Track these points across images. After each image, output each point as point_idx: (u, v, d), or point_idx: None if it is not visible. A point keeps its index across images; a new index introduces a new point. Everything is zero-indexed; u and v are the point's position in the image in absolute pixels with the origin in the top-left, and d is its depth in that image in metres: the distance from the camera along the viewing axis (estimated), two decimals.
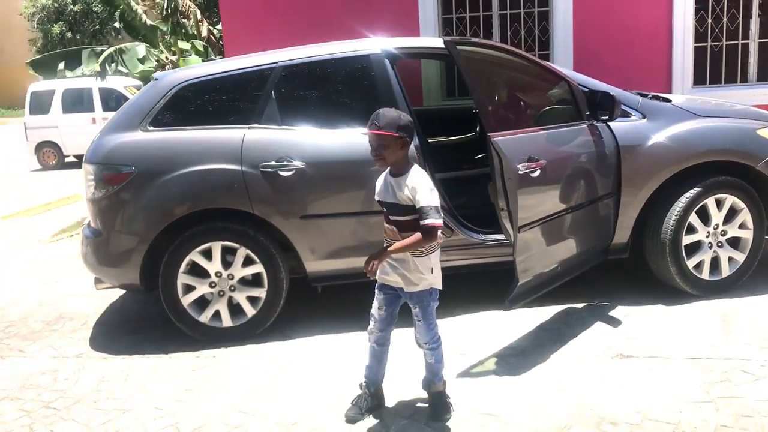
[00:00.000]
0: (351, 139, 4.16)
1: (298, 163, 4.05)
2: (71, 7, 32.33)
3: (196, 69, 4.53)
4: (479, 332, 4.10)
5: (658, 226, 4.30)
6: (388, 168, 3.02)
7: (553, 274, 4.02)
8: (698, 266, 4.36)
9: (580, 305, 4.39)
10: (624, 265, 4.69)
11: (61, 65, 8.01)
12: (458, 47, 3.66)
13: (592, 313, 4.27)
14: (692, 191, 4.25)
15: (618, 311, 4.27)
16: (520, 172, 3.58)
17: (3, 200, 10.87)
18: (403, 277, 3.00)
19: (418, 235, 2.86)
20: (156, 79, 4.44)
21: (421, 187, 2.88)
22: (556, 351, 3.78)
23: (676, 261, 4.29)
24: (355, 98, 4.42)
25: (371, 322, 3.19)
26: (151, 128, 4.20)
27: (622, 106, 4.20)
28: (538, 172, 3.68)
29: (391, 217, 3.00)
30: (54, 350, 4.39)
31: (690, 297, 4.36)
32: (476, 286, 4.77)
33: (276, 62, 4.28)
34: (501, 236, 4.11)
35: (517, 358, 3.73)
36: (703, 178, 4.26)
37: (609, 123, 4.21)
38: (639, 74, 6.40)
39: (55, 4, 33.07)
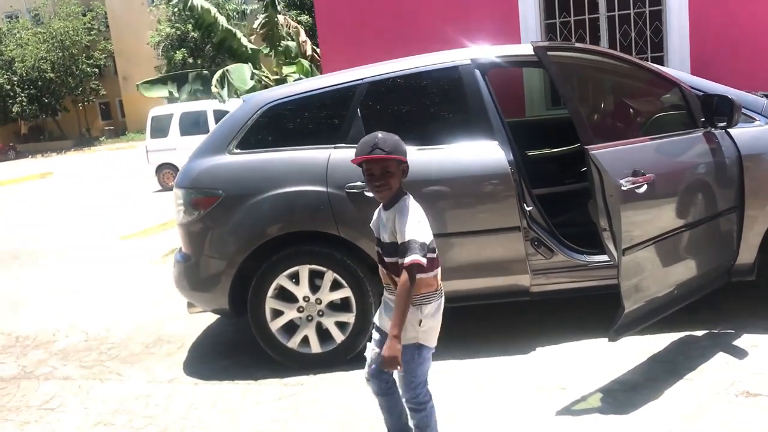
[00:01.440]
0: (441, 156, 3.95)
1: None
2: (192, 34, 33.97)
3: (282, 89, 4.46)
4: (583, 363, 3.75)
5: None
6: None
7: (669, 300, 3.61)
8: None
9: (699, 333, 3.94)
10: (751, 288, 4.17)
11: (169, 84, 8.28)
12: (549, 53, 3.36)
13: (714, 342, 3.81)
14: None
15: (744, 341, 3.79)
16: (623, 188, 3.23)
17: (125, 221, 11.40)
18: (386, 325, 2.62)
19: (404, 282, 2.46)
20: (244, 101, 4.40)
21: (404, 218, 2.51)
22: (671, 386, 3.37)
23: None
24: (445, 112, 4.21)
25: (366, 366, 2.80)
26: (238, 151, 4.15)
27: (744, 110, 3.74)
28: (645, 187, 3.31)
29: (387, 259, 2.63)
30: (149, 374, 4.41)
31: None
32: (581, 311, 4.40)
33: (361, 78, 4.13)
34: (607, 257, 3.74)
35: (625, 394, 3.35)
36: None
37: (728, 129, 3.76)
38: (766, 75, 5.78)
39: (178, 33, 34.90)
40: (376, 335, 2.80)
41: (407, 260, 2.47)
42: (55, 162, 31.46)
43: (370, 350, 2.79)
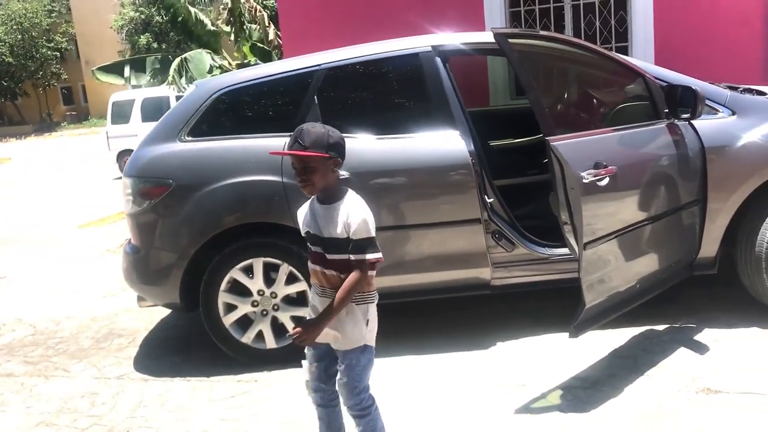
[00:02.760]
0: (400, 145, 3.83)
1: (342, 173, 3.71)
2: (157, 18, 33.35)
3: (236, 75, 4.30)
4: (544, 359, 3.67)
5: (751, 238, 3.74)
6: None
7: (630, 294, 3.54)
8: None
9: (660, 327, 3.89)
10: (712, 282, 4.14)
11: (127, 71, 8.03)
12: (511, 41, 3.25)
13: (675, 337, 3.76)
14: None
15: (705, 335, 3.74)
16: (584, 181, 3.14)
17: (83, 209, 11.10)
18: (332, 333, 2.48)
19: (354, 277, 2.36)
20: (196, 87, 4.23)
21: (358, 216, 2.37)
22: (632, 383, 3.31)
23: None
24: (405, 100, 4.10)
25: (305, 377, 2.66)
26: (190, 138, 3.99)
27: (708, 102, 3.68)
28: (606, 180, 3.23)
29: (327, 255, 2.45)
30: (97, 370, 4.24)
31: None
32: (542, 305, 4.32)
33: (319, 64, 3.98)
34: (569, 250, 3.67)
35: (586, 391, 3.28)
36: None
37: (692, 121, 3.69)
38: (729, 65, 5.75)
39: (142, 17, 34.23)
40: (309, 351, 2.62)
41: (368, 257, 2.37)
42: (14, 147, 30.66)
43: (307, 366, 2.64)
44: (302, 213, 2.59)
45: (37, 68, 40.72)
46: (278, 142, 3.83)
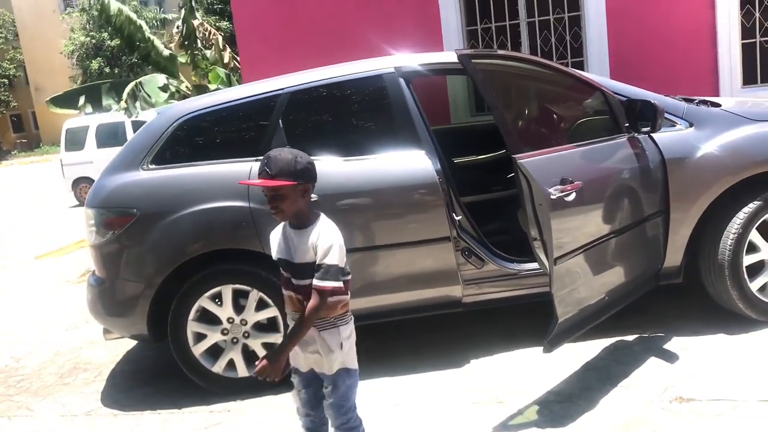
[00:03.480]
0: (367, 167, 3.83)
1: (312, 196, 3.70)
2: (108, 42, 32.92)
3: (198, 100, 4.25)
4: (519, 374, 3.68)
5: (714, 246, 3.83)
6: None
7: (600, 307, 3.58)
8: (763, 289, 3.88)
9: (630, 338, 3.94)
10: (678, 291, 4.21)
11: (81, 100, 7.89)
12: (473, 61, 3.29)
13: (645, 347, 3.82)
14: (751, 205, 3.78)
15: (674, 343, 3.80)
16: (552, 197, 3.18)
17: (40, 239, 10.84)
18: (308, 360, 2.51)
19: (312, 303, 2.36)
20: (158, 114, 4.18)
21: (326, 241, 2.37)
22: (607, 395, 3.34)
23: (737, 284, 3.81)
24: (371, 122, 4.10)
25: (296, 404, 2.67)
26: (153, 166, 3.93)
27: (666, 115, 3.76)
28: (573, 195, 3.27)
29: (293, 281, 2.45)
30: (63, 407, 4.12)
31: (756, 324, 3.86)
32: (514, 321, 4.34)
33: (282, 88, 3.97)
34: (538, 265, 3.70)
35: (562, 405, 3.30)
36: (763, 190, 3.79)
37: (651, 134, 3.77)
38: (682, 77, 5.91)
39: (93, 41, 33.76)
40: (295, 379, 2.61)
41: (327, 285, 2.36)
42: None
43: (297, 395, 2.63)
44: (275, 237, 2.56)
45: None
46: (244, 167, 3.82)
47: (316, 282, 2.36)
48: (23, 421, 3.99)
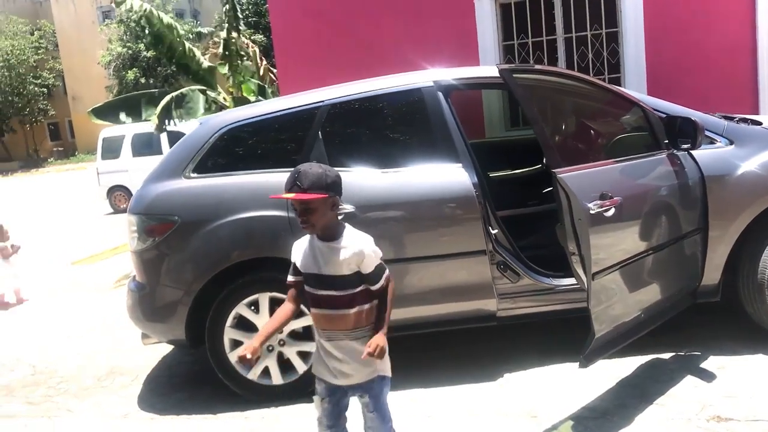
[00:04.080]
0: (404, 179, 3.87)
1: (347, 207, 3.75)
2: (145, 53, 33.50)
3: (240, 111, 4.33)
4: (553, 389, 3.67)
5: (753, 265, 3.79)
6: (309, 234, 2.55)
7: (636, 323, 3.56)
8: None
9: (666, 356, 3.91)
10: (716, 309, 4.17)
11: (122, 115, 8.06)
12: (515, 75, 3.32)
13: (682, 365, 3.78)
14: None
15: (711, 362, 3.76)
16: (591, 212, 3.18)
17: (76, 245, 11.04)
18: (340, 372, 2.52)
19: (392, 289, 2.53)
20: (200, 124, 4.26)
21: (366, 248, 2.45)
22: (642, 412, 3.32)
23: None
24: (408, 134, 4.14)
25: (318, 415, 2.66)
26: (195, 175, 4.01)
27: (706, 132, 3.75)
28: (612, 211, 3.27)
29: (318, 292, 2.48)
30: (101, 409, 4.20)
31: None
32: (549, 336, 4.34)
33: (322, 101, 4.03)
34: (574, 280, 3.69)
35: (596, 422, 3.28)
36: None
37: (691, 151, 3.76)
38: (721, 95, 5.86)
39: (130, 52, 34.38)
40: (320, 386, 2.63)
41: (383, 283, 2.49)
42: (0, 184, 30.51)
43: (320, 404, 2.63)
44: (299, 249, 2.58)
45: (24, 105, 40.67)
46: (282, 177, 3.83)
47: (376, 286, 2.47)
48: (63, 422, 4.07)
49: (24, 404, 4.41)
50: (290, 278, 2.59)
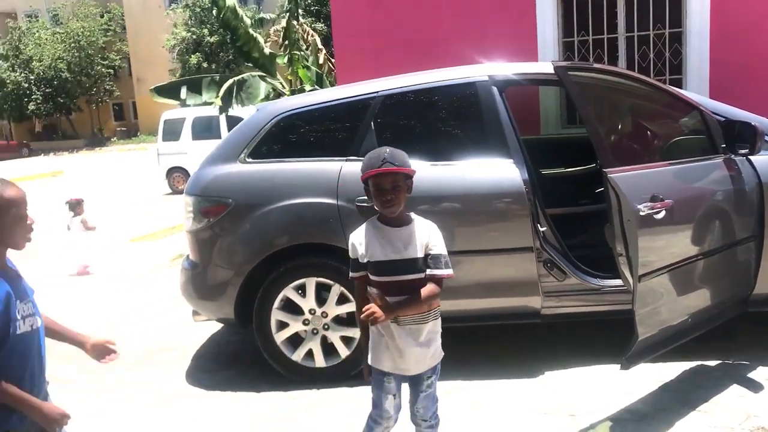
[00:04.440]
0: (455, 172, 3.90)
1: None
2: (208, 38, 34.12)
3: (296, 99, 4.43)
4: (593, 389, 3.66)
5: None
6: (366, 222, 2.59)
7: (682, 328, 3.52)
8: None
9: (713, 363, 3.85)
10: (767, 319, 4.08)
11: (183, 92, 8.26)
12: (570, 73, 3.31)
13: (728, 373, 3.72)
14: None
15: (759, 373, 3.69)
16: (641, 214, 3.16)
17: (134, 223, 11.38)
18: (421, 358, 2.56)
19: (434, 289, 2.49)
20: (258, 110, 4.36)
21: (436, 234, 2.54)
22: (683, 417, 3.28)
23: None
24: (461, 128, 4.16)
25: (379, 420, 2.66)
26: (250, 160, 4.11)
27: (766, 138, 3.67)
28: (663, 213, 3.24)
29: (396, 278, 2.50)
30: (151, 382, 4.36)
31: None
32: (592, 336, 4.31)
33: (377, 92, 4.08)
34: (621, 281, 3.67)
35: (635, 424, 3.27)
36: None
37: (750, 157, 3.68)
38: None
39: (194, 37, 35.05)
40: (389, 381, 2.62)
41: (444, 272, 2.51)
42: (66, 161, 31.56)
43: (387, 401, 2.63)
44: (362, 241, 2.58)
45: (91, 85, 41.89)
46: (335, 166, 3.95)
47: (434, 272, 2.49)
48: (115, 391, 4.25)
49: (79, 372, 4.60)
50: (356, 274, 2.61)
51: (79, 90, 41.51)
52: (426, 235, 2.53)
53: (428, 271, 2.50)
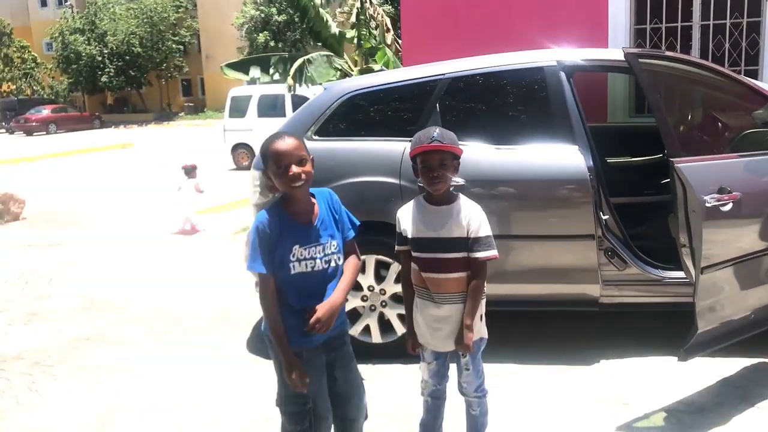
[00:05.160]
0: (518, 156, 3.91)
1: (458, 180, 3.83)
2: (276, 17, 34.48)
3: (363, 79, 4.49)
4: (649, 380, 3.65)
5: None
6: (415, 198, 2.70)
7: (745, 324, 3.47)
8: None
9: None
10: None
11: (252, 71, 8.43)
12: (641, 60, 3.27)
13: None
14: None
15: None
16: (707, 205, 3.12)
17: (199, 196, 11.65)
18: (446, 338, 2.65)
19: (483, 275, 2.59)
20: (325, 89, 4.44)
21: (479, 215, 2.59)
22: (741, 413, 3.25)
23: None
24: (526, 113, 4.15)
25: (423, 377, 2.82)
26: (317, 137, 4.20)
27: None
28: (730, 206, 3.19)
29: (435, 255, 2.59)
30: (212, 348, 4.52)
31: None
32: (650, 327, 4.28)
33: (443, 74, 4.11)
34: (682, 273, 3.63)
35: (691, 416, 3.25)
36: None
37: None
38: None
39: (262, 15, 35.47)
40: (425, 353, 2.75)
41: (489, 254, 2.56)
42: (136, 133, 32.47)
43: (426, 367, 2.77)
44: (407, 216, 2.69)
45: (161, 60, 42.94)
46: (398, 146, 4.00)
47: (479, 254, 2.55)
48: (179, 354, 4.43)
49: (145, 335, 4.82)
50: (400, 247, 2.71)
51: (150, 65, 42.59)
52: (467, 217, 2.59)
53: (471, 254, 2.57)
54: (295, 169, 2.36)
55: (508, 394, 3.54)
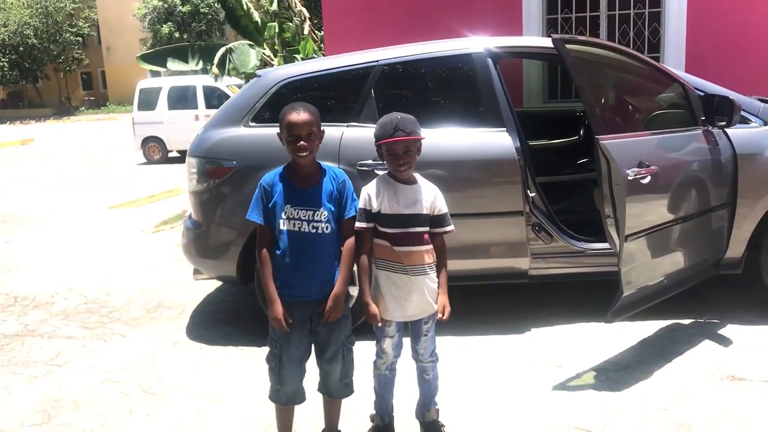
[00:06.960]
0: (450, 139, 4.10)
1: None
2: (180, 8, 33.69)
3: (297, 66, 4.58)
4: (578, 344, 3.93)
5: None
6: (378, 177, 2.86)
7: (659, 288, 3.81)
8: None
9: (686, 321, 4.15)
10: (737, 281, 4.39)
11: (169, 62, 8.31)
12: (567, 46, 3.52)
13: (700, 330, 4.02)
14: None
15: (729, 330, 4.00)
16: (629, 178, 3.40)
17: (111, 191, 11.37)
18: (421, 306, 2.83)
19: (442, 248, 2.87)
20: (259, 76, 4.50)
21: (441, 196, 2.85)
22: (661, 368, 3.57)
23: None
24: (457, 98, 4.36)
25: (381, 355, 2.92)
26: (253, 124, 4.26)
27: (742, 112, 3.93)
28: (648, 179, 3.49)
29: (407, 230, 2.76)
30: (152, 337, 4.51)
31: None
32: (575, 296, 4.59)
33: (377, 60, 4.25)
34: (604, 245, 3.94)
35: (617, 373, 3.55)
36: None
37: (726, 129, 3.95)
38: (759, 79, 6.00)
39: (165, 5, 34.59)
40: (389, 328, 2.85)
41: (449, 228, 2.84)
42: (35, 129, 31.00)
43: (388, 341, 2.88)
44: (374, 195, 2.79)
45: (59, 52, 41.16)
46: (336, 131, 4.11)
47: (446, 228, 2.83)
48: (117, 345, 4.39)
49: (80, 328, 4.74)
50: (363, 224, 2.80)
51: (46, 57, 40.75)
52: (432, 196, 2.81)
53: (437, 228, 2.82)
54: (302, 141, 2.66)
55: (450, 363, 3.72)
